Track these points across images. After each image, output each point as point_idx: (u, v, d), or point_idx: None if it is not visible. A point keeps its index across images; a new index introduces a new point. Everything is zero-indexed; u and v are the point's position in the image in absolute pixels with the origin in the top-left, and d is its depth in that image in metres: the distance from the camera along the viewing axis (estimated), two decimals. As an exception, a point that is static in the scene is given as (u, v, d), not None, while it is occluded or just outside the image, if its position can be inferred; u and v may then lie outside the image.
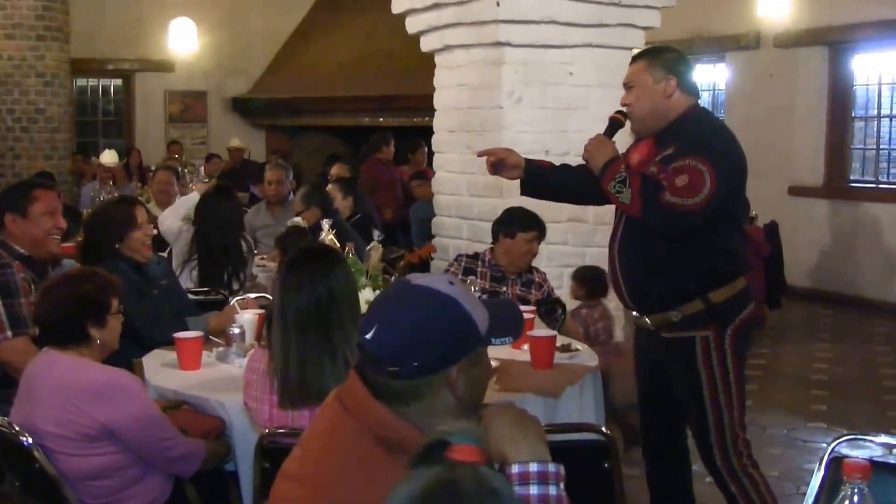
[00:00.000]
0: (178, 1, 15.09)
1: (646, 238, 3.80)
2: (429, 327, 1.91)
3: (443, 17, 6.47)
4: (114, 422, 3.15)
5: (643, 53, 4.05)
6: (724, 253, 3.82)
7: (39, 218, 4.34)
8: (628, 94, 3.93)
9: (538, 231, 5.29)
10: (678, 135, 3.76)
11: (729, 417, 3.84)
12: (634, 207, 3.66)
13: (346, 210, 7.38)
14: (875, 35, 9.99)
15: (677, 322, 3.82)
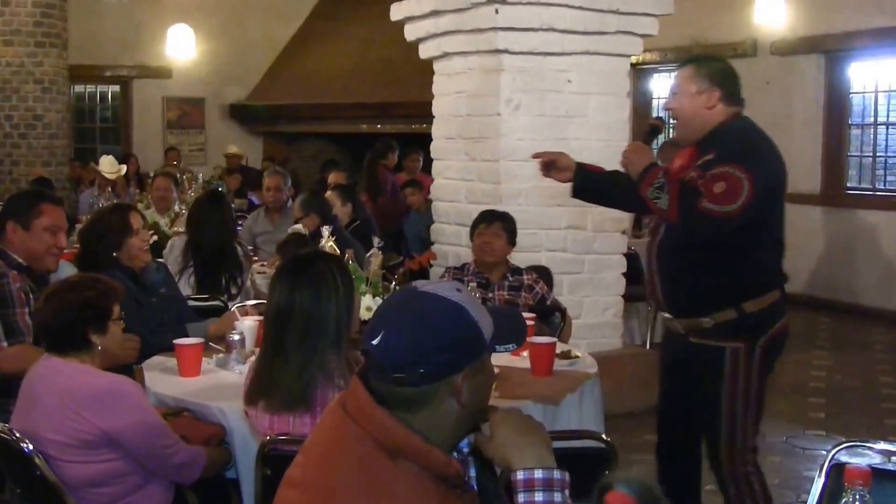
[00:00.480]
0: (176, 8, 15.09)
1: (684, 242, 3.85)
2: (435, 334, 1.90)
3: (441, 24, 6.49)
4: (115, 429, 3.14)
5: (691, 60, 4.08)
6: (760, 264, 3.87)
7: (41, 233, 4.29)
8: (672, 100, 3.99)
9: (487, 223, 5.27)
10: (719, 143, 3.82)
11: (742, 425, 3.90)
12: (672, 213, 3.71)
13: (346, 217, 7.39)
14: (871, 43, 10.02)
15: (708, 329, 3.86)
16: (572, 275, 6.37)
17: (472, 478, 2.07)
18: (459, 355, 1.92)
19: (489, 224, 5.26)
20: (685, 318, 3.94)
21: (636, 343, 8.18)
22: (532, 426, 2.02)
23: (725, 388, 3.86)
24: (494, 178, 6.27)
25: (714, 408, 3.91)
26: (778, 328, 3.91)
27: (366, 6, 13.56)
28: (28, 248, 4.28)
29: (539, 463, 1.94)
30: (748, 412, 3.89)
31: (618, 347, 6.63)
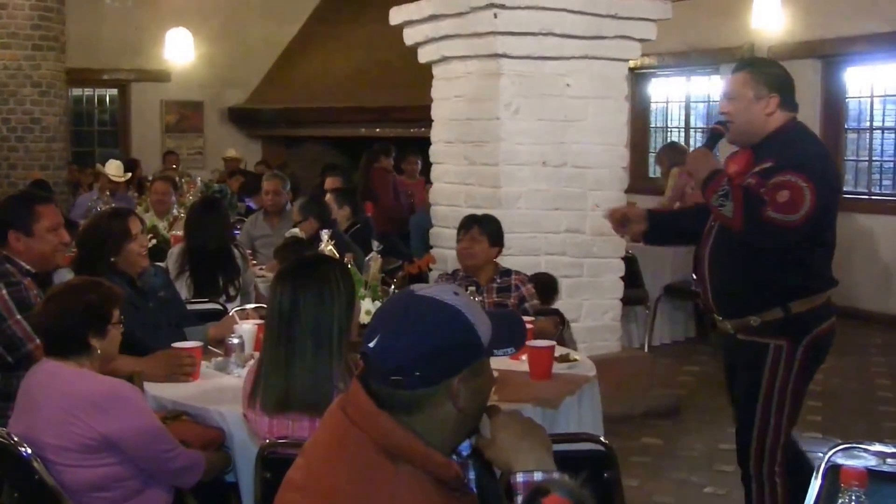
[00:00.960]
0: (174, 11, 15.10)
1: (735, 245, 3.90)
2: (432, 338, 1.90)
3: (440, 28, 6.50)
4: (115, 433, 3.14)
5: (747, 65, 4.09)
6: (809, 268, 3.92)
7: (45, 235, 4.28)
8: (728, 104, 3.98)
9: (465, 229, 5.27)
10: (776, 149, 3.85)
11: (775, 423, 3.95)
12: (736, 221, 3.74)
13: (344, 220, 7.40)
14: (867, 48, 10.05)
15: (755, 327, 3.93)
16: (571, 278, 6.38)
17: (472, 480, 2.08)
18: (455, 359, 1.92)
19: (467, 230, 5.27)
20: (734, 319, 4.01)
21: (634, 346, 8.21)
22: (533, 429, 2.03)
23: (763, 384, 3.93)
24: (493, 182, 6.28)
25: (750, 403, 3.99)
26: (824, 329, 3.97)
27: (365, 10, 13.59)
28: (36, 252, 4.27)
29: (539, 465, 1.95)
30: (782, 411, 3.95)
31: (616, 351, 6.64)
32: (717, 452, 5.97)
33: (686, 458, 5.96)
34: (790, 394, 3.95)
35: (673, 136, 13.27)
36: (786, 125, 3.93)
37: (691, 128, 12.99)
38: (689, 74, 12.81)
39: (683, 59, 12.29)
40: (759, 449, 3.98)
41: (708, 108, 12.73)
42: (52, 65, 12.38)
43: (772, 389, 3.93)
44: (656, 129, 13.50)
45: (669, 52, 11.96)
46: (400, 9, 6.83)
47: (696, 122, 12.99)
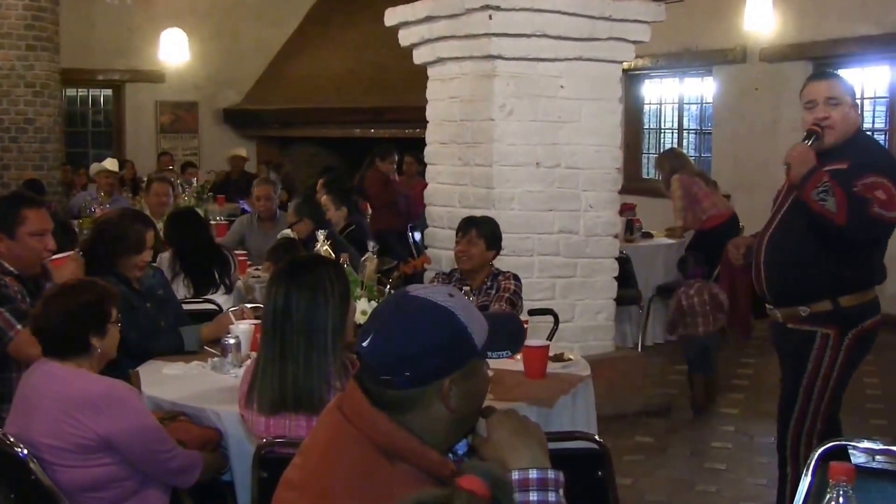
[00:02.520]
0: (169, 12, 15.09)
1: (794, 237, 4.10)
2: (422, 338, 1.91)
3: (435, 30, 6.52)
4: (112, 433, 3.14)
5: (833, 74, 4.36)
6: (862, 263, 4.10)
7: (27, 239, 4.18)
8: (831, 109, 4.08)
9: (463, 231, 5.27)
10: (851, 153, 4.02)
11: (815, 407, 4.14)
12: (840, 216, 3.84)
13: (341, 221, 7.39)
14: (858, 50, 10.10)
15: (805, 317, 4.12)
16: (565, 278, 6.41)
17: (468, 478, 2.10)
18: (446, 360, 1.93)
19: (465, 233, 5.27)
20: (785, 308, 4.18)
21: (628, 346, 8.24)
22: (528, 427, 2.04)
23: (808, 370, 4.11)
24: (487, 183, 6.30)
25: (793, 388, 4.17)
26: (871, 323, 4.16)
27: (359, 11, 13.61)
28: (17, 255, 4.18)
29: (534, 463, 1.96)
30: (822, 398, 4.12)
31: (610, 350, 6.67)
32: (709, 450, 6.01)
33: (678, 457, 5.99)
34: (833, 382, 4.12)
35: (666, 137, 13.31)
36: (859, 131, 4.17)
37: (685, 129, 13.02)
38: (683, 76, 12.85)
39: (676, 61, 12.33)
40: (797, 434, 4.15)
41: (701, 109, 12.76)
42: (46, 65, 12.36)
43: (815, 376, 4.11)
44: (650, 131, 13.53)
45: (663, 54, 12.00)
46: (395, 10, 6.85)
47: (689, 123, 13.01)
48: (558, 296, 6.35)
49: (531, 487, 1.95)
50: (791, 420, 4.20)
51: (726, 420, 6.56)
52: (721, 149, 11.57)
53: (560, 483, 1.98)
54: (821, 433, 4.10)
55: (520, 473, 1.95)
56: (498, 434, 2.00)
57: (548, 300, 6.19)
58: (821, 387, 4.13)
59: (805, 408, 4.16)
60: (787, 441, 4.22)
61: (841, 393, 4.21)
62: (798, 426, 4.18)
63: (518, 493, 1.95)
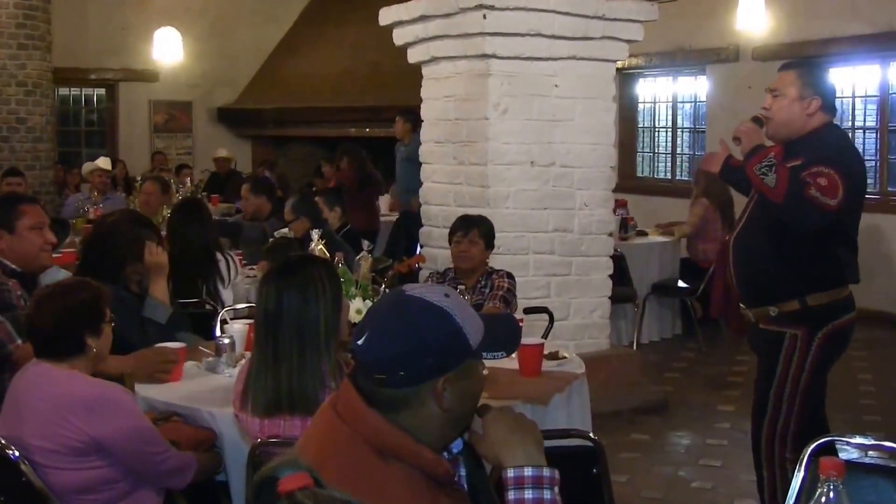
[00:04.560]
0: (162, 10, 15.04)
1: (760, 236, 4.08)
2: (417, 338, 1.91)
3: (429, 29, 6.53)
4: (105, 436, 3.13)
5: (796, 65, 4.26)
6: (829, 261, 4.05)
7: (27, 233, 4.25)
8: (770, 100, 4.08)
9: (462, 231, 5.28)
10: (808, 148, 3.98)
11: (787, 409, 4.09)
12: (778, 192, 3.81)
13: (336, 220, 7.38)
14: (849, 49, 10.13)
15: (774, 317, 4.10)
16: (560, 277, 6.42)
17: (463, 476, 2.09)
18: (440, 360, 1.92)
19: (466, 232, 5.27)
20: (755, 308, 4.17)
21: (623, 344, 8.25)
22: (524, 425, 2.05)
23: (778, 372, 4.08)
24: (482, 182, 6.31)
25: (765, 389, 4.14)
26: (842, 322, 4.09)
27: (354, 10, 13.60)
28: (19, 250, 4.24)
29: (529, 461, 1.97)
30: (794, 399, 4.08)
31: (605, 348, 6.68)
32: (704, 448, 6.02)
33: (674, 454, 6.01)
34: (804, 382, 4.07)
35: (660, 135, 13.32)
36: (822, 127, 4.06)
37: (678, 128, 13.04)
38: (676, 75, 12.86)
39: (670, 60, 12.35)
40: (770, 436, 4.12)
41: (695, 107, 12.78)
42: (38, 64, 12.29)
43: (785, 377, 4.08)
44: (644, 129, 13.54)
45: (656, 53, 12.02)
46: (390, 9, 6.86)
47: (683, 122, 13.03)
48: (553, 294, 6.36)
49: (526, 485, 1.96)
50: (764, 422, 4.16)
51: (722, 417, 6.58)
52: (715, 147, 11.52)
53: (555, 481, 1.98)
54: (795, 434, 4.06)
55: (515, 471, 1.97)
56: (493, 432, 2.01)
57: (543, 298, 6.20)
58: (791, 389, 4.08)
59: (777, 410, 4.12)
60: (760, 442, 4.19)
61: (818, 392, 4.15)
62: (771, 428, 4.13)
63: (513, 491, 1.96)
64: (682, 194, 9.99)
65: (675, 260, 9.18)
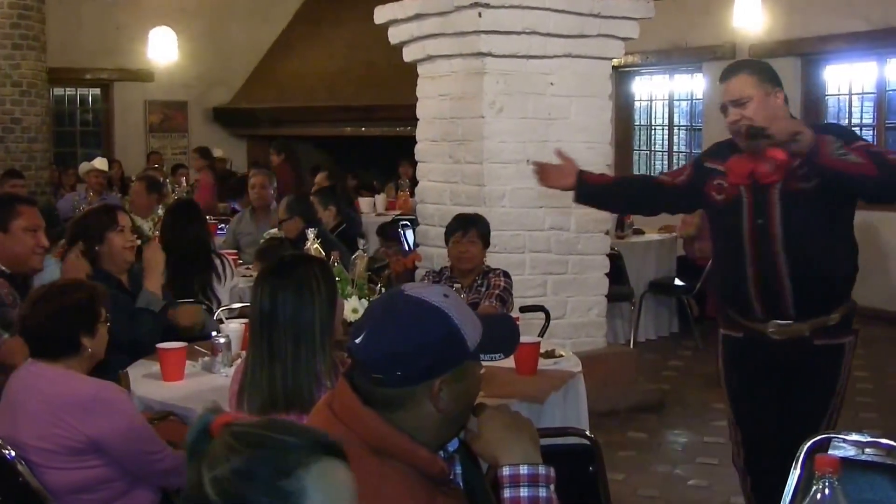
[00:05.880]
0: (157, 10, 15.02)
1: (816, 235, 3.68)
2: (414, 338, 1.90)
3: (425, 27, 6.52)
4: (102, 435, 3.13)
5: (745, 68, 3.86)
6: (857, 250, 3.82)
7: (21, 234, 4.25)
8: (742, 109, 3.68)
9: (462, 230, 5.24)
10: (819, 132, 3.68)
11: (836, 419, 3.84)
12: (869, 167, 3.39)
13: (331, 219, 7.36)
14: (846, 46, 10.15)
15: (832, 326, 3.75)
16: (556, 275, 6.42)
17: (458, 475, 2.08)
18: (437, 360, 1.92)
19: (465, 232, 5.25)
20: (813, 319, 3.73)
21: (620, 342, 8.25)
22: (520, 423, 2.05)
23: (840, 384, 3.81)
24: (478, 181, 6.31)
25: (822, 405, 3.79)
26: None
27: (349, 9, 13.59)
28: (10, 251, 4.24)
29: (525, 459, 1.97)
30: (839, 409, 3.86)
31: (602, 347, 6.68)
32: (701, 446, 6.02)
33: (671, 452, 6.01)
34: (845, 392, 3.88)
35: (657, 133, 13.33)
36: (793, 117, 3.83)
37: (675, 126, 13.05)
38: (673, 72, 12.88)
39: (666, 58, 12.36)
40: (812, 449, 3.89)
41: (691, 105, 12.79)
42: (33, 64, 12.29)
43: (843, 388, 3.83)
44: (640, 128, 13.56)
45: (652, 51, 12.02)
46: (385, 8, 6.85)
47: (679, 119, 13.05)
48: (550, 293, 6.35)
49: (522, 483, 1.96)
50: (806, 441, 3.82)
51: (719, 415, 6.55)
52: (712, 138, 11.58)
53: (551, 479, 1.98)
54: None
55: (510, 469, 1.97)
56: (490, 430, 2.01)
57: (539, 297, 6.20)
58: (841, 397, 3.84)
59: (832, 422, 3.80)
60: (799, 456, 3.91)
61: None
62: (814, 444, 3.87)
63: (509, 489, 1.96)
64: (678, 192, 9.97)
65: (672, 258, 9.18)
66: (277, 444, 1.44)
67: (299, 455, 1.44)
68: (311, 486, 1.42)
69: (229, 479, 1.40)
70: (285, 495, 1.41)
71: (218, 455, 1.43)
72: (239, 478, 1.40)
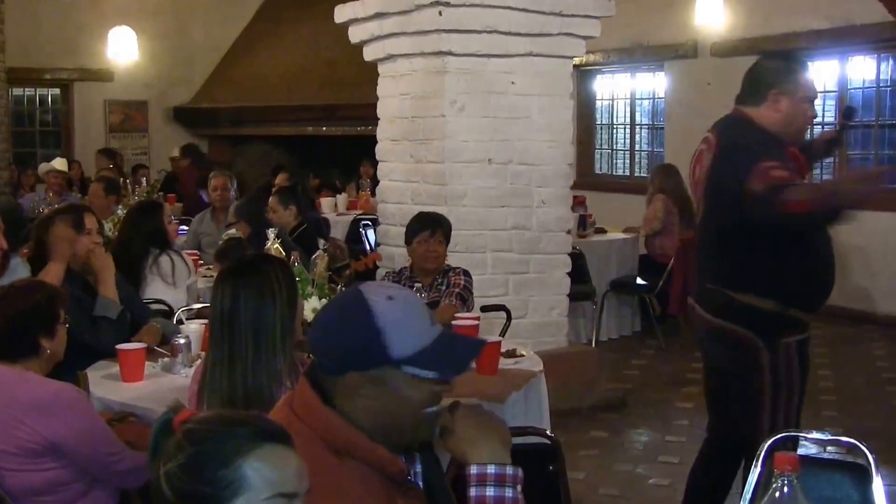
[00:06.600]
0: (117, 9, 14.90)
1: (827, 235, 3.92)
2: (336, 329, 1.96)
3: (385, 26, 6.50)
4: (60, 437, 3.12)
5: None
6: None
7: None
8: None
9: (429, 230, 5.24)
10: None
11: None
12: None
13: (291, 219, 7.32)
14: (807, 45, 10.20)
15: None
16: (518, 275, 6.42)
17: (419, 474, 2.10)
18: (352, 355, 1.94)
19: (433, 232, 5.24)
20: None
21: (582, 341, 8.27)
22: (492, 423, 2.06)
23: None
24: (439, 180, 6.30)
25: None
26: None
27: (310, 8, 13.53)
28: None
29: (494, 459, 1.98)
30: None
31: (564, 346, 6.68)
32: (662, 444, 6.05)
33: (632, 451, 6.03)
34: None
35: (619, 132, 13.38)
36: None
37: (637, 124, 13.10)
38: (634, 71, 12.92)
39: (628, 56, 12.40)
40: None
41: (653, 104, 12.84)
42: (-9, 64, 12.15)
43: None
44: (602, 126, 13.60)
45: (614, 49, 12.06)
46: (345, 7, 6.82)
47: (641, 118, 13.09)
48: (511, 292, 6.35)
49: (488, 482, 1.97)
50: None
51: (681, 414, 6.60)
52: (673, 144, 11.64)
53: (518, 479, 1.99)
54: None
55: (478, 468, 1.98)
56: (461, 428, 2.02)
57: (501, 297, 6.20)
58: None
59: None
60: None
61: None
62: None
63: (475, 488, 1.97)
64: (640, 191, 10.03)
65: (634, 257, 9.21)
66: (219, 436, 1.64)
67: (240, 445, 1.63)
68: (251, 472, 1.62)
69: (177, 475, 1.62)
70: (227, 484, 1.61)
71: (169, 452, 1.65)
72: (185, 472, 1.62)
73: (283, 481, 1.64)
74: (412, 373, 1.95)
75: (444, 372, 1.98)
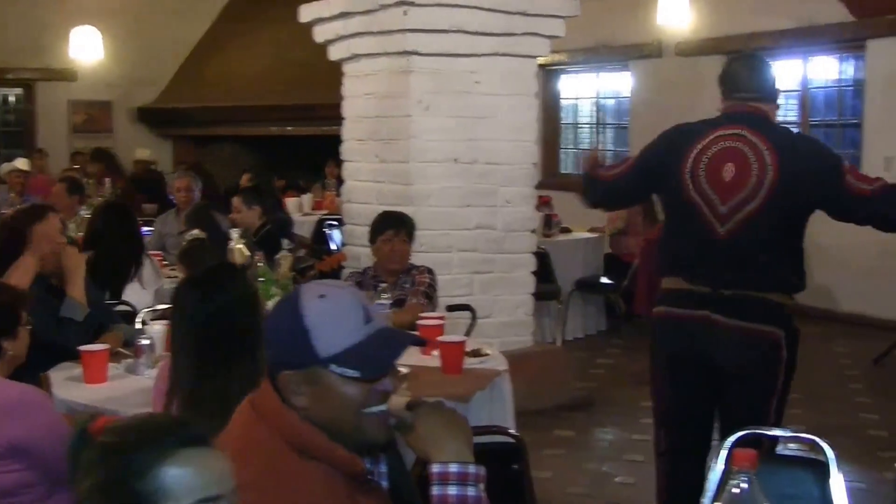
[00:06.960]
0: (80, 9, 14.75)
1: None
2: (269, 328, 2.03)
3: (350, 26, 6.49)
4: (24, 439, 3.08)
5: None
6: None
7: None
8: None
9: (394, 229, 5.24)
10: None
11: None
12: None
13: (255, 219, 7.27)
14: (771, 44, 10.29)
15: None
16: (483, 274, 6.42)
17: (384, 473, 2.09)
18: (280, 354, 1.98)
19: (397, 231, 5.24)
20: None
21: (548, 341, 8.28)
22: (454, 421, 2.05)
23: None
24: (405, 180, 6.29)
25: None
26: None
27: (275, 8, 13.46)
28: None
29: (456, 457, 1.97)
30: None
31: (529, 345, 6.70)
32: (629, 443, 6.07)
33: (599, 449, 6.05)
34: None
35: (584, 132, 13.42)
36: None
37: (602, 124, 13.15)
38: (599, 70, 12.97)
39: (593, 56, 12.44)
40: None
41: (618, 103, 12.89)
42: (-49, 64, 12.02)
43: None
44: (567, 126, 13.64)
45: (579, 49, 12.09)
46: (310, 6, 6.81)
47: (606, 118, 13.15)
48: (477, 292, 6.35)
49: (451, 481, 1.96)
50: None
51: (646, 413, 6.58)
52: (638, 143, 11.62)
53: (481, 478, 1.99)
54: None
55: (440, 466, 1.97)
56: (423, 426, 2.01)
57: (466, 296, 6.19)
58: None
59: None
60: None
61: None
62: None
63: (437, 486, 1.97)
64: (606, 191, 10.05)
65: (599, 256, 9.25)
66: (135, 447, 1.59)
67: (157, 454, 1.57)
68: (170, 480, 1.55)
69: (96, 495, 1.59)
70: (147, 496, 1.54)
71: (85, 467, 1.63)
72: (102, 491, 1.58)
73: (205, 485, 1.58)
74: (339, 372, 1.93)
75: (365, 371, 1.94)
